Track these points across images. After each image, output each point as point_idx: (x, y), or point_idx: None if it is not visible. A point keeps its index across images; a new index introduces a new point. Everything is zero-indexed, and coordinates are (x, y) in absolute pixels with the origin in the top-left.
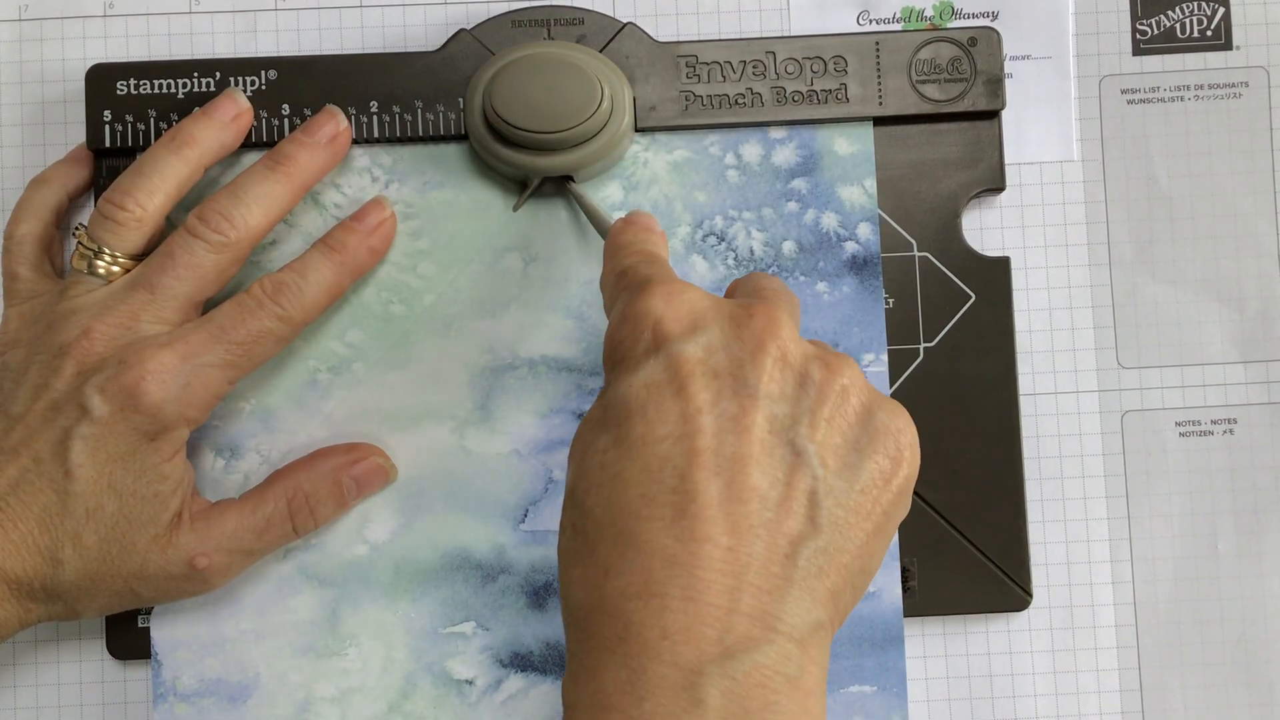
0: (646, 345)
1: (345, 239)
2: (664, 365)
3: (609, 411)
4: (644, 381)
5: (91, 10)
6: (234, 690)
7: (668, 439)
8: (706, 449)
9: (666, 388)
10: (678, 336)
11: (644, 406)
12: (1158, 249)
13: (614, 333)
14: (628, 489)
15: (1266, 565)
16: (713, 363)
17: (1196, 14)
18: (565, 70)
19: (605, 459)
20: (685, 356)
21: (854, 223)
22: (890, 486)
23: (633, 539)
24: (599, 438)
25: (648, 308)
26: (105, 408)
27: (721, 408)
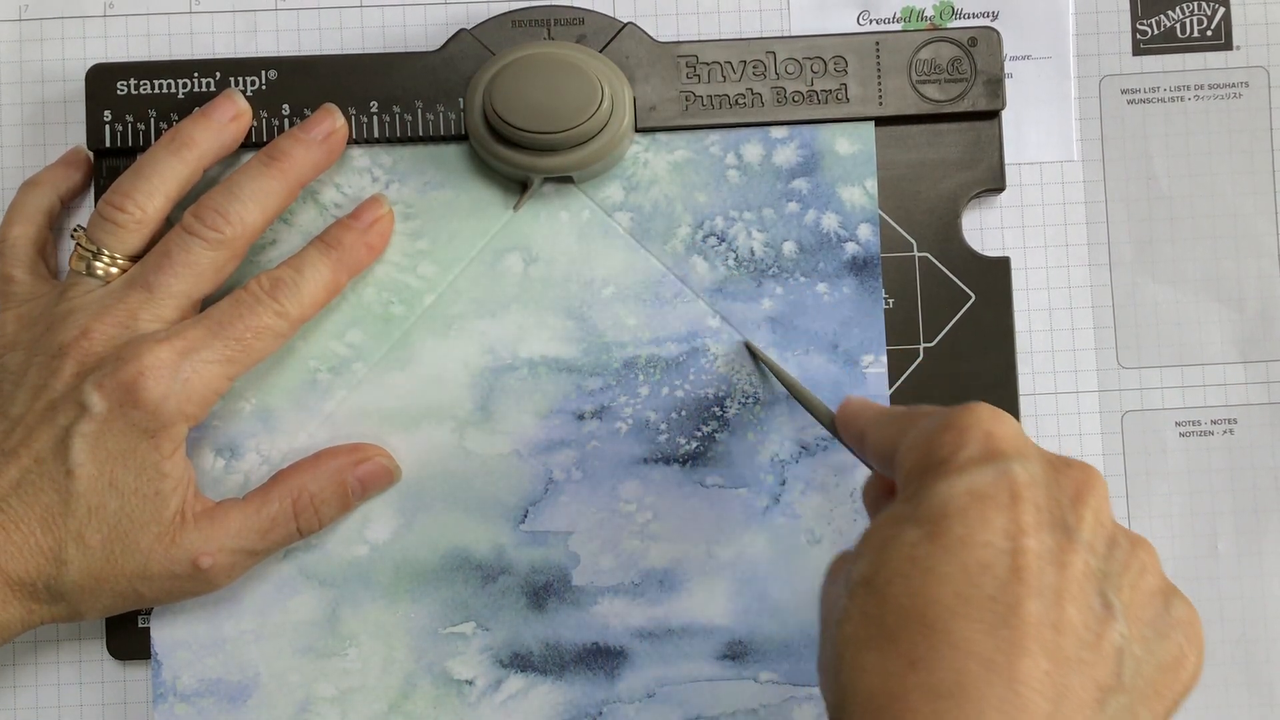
0: (974, 455)
1: (342, 236)
2: (993, 477)
3: (920, 509)
4: (968, 487)
5: (91, 10)
6: (234, 690)
7: (990, 548)
8: (1030, 569)
9: (994, 499)
10: (1009, 455)
11: (966, 510)
12: (1158, 249)
13: (930, 438)
14: (940, 584)
15: (1266, 565)
16: (1037, 494)
17: (1196, 14)
18: (565, 70)
19: (915, 552)
20: (1016, 475)
21: (854, 223)
22: (1180, 677)
23: (945, 634)
24: (906, 532)
25: (976, 420)
26: (104, 404)
27: (1043, 537)
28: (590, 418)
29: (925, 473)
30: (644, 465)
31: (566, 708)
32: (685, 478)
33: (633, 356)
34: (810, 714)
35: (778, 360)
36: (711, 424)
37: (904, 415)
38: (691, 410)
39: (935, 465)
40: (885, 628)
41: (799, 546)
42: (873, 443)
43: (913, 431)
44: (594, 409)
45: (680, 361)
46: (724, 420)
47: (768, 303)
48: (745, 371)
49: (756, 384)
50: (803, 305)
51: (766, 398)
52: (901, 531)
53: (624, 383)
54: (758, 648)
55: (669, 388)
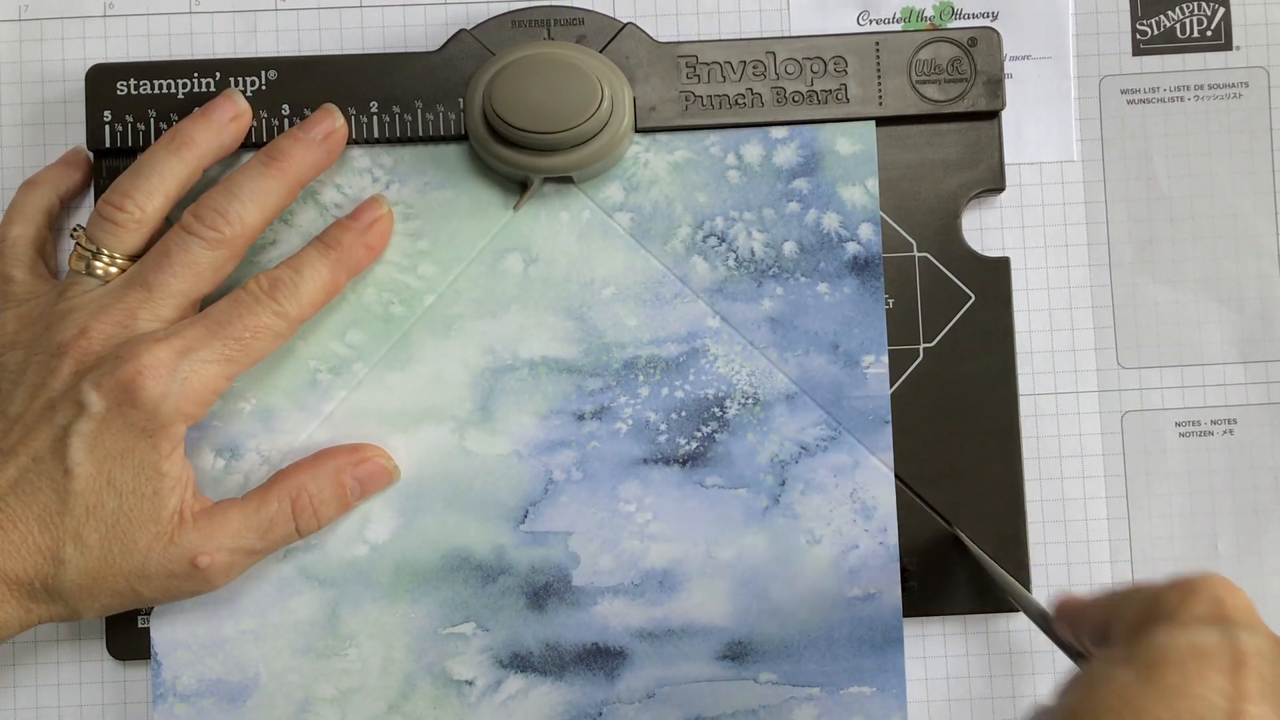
0: (1201, 614)
1: (341, 236)
2: (1221, 640)
3: (1137, 653)
4: (1192, 642)
5: (91, 10)
6: (234, 690)
7: (1206, 700)
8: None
9: (1218, 660)
10: (1239, 623)
11: (1185, 663)
12: (1158, 249)
13: (1159, 593)
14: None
15: (1266, 565)
16: (1263, 666)
17: (1196, 14)
18: (565, 71)
19: (1127, 693)
20: (1244, 643)
21: (855, 223)
22: None
23: None
24: (1119, 673)
25: (1209, 585)
26: (102, 404)
27: (1264, 710)
28: (590, 418)
29: (1147, 623)
30: (644, 466)
31: (566, 708)
32: (685, 478)
33: (633, 357)
34: (809, 714)
35: (779, 360)
36: (711, 424)
37: (1126, 588)
38: (691, 411)
39: (1159, 617)
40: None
41: (799, 547)
42: (1091, 615)
43: (1137, 594)
44: (594, 409)
45: (680, 362)
46: (724, 421)
47: (768, 303)
48: (745, 372)
49: (756, 384)
50: (803, 305)
51: (766, 398)
52: (1114, 672)
53: (624, 383)
54: (757, 648)
55: (669, 388)
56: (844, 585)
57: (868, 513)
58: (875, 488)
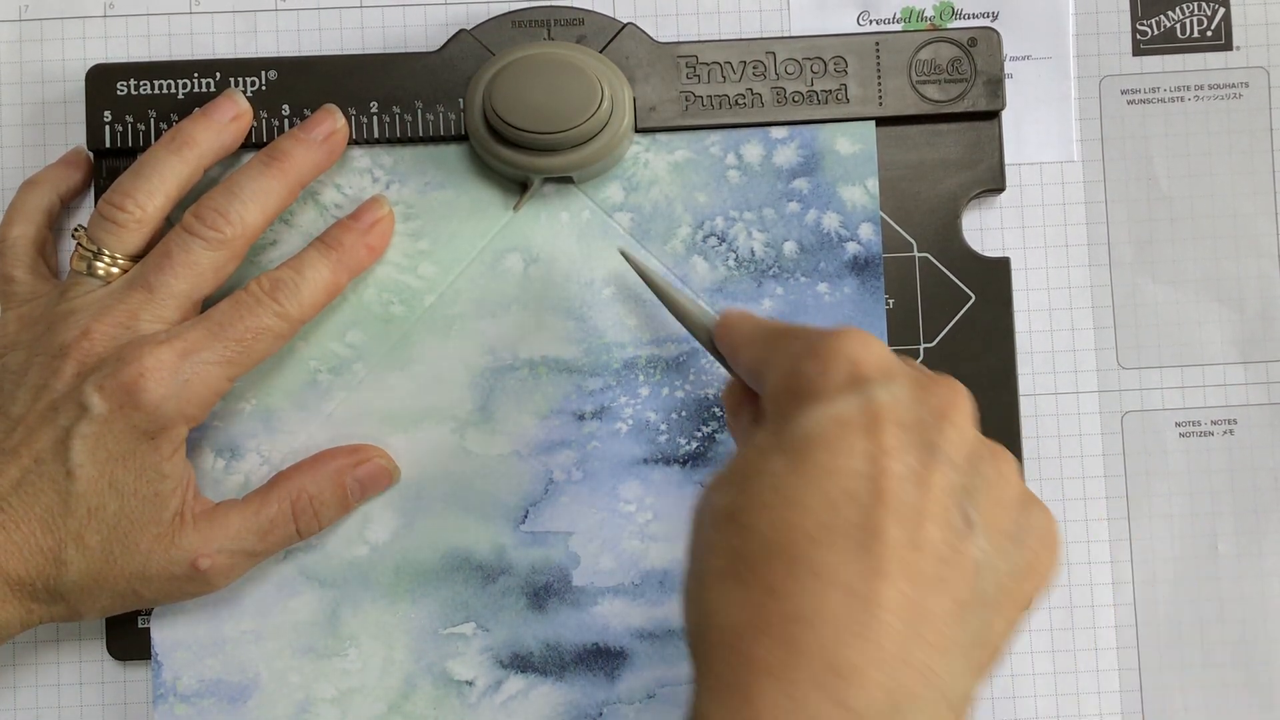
0: (839, 382)
1: (342, 237)
2: (858, 405)
3: (785, 438)
4: (834, 415)
5: (91, 10)
6: (234, 691)
7: (853, 474)
8: (891, 492)
9: (857, 426)
10: (874, 381)
11: (829, 439)
12: (1158, 249)
13: (796, 363)
14: (804, 515)
15: (1266, 566)
16: (901, 414)
17: (1196, 14)
18: (565, 71)
19: (779, 483)
20: (880, 400)
21: (855, 223)
22: (1035, 582)
23: (806, 563)
24: (771, 462)
25: (842, 346)
26: (104, 406)
27: (906, 459)
28: (590, 418)
29: (791, 400)
30: (644, 466)
31: (567, 708)
32: (685, 478)
33: (633, 357)
34: None
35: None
36: (712, 424)
37: (776, 334)
38: (692, 411)
39: (801, 393)
40: (748, 560)
41: None
42: (745, 360)
43: (781, 355)
44: (594, 409)
45: (680, 362)
46: (724, 420)
47: (768, 303)
48: None
49: None
50: (803, 305)
51: None
52: (767, 463)
53: (624, 383)
54: None
55: (669, 388)
56: None
57: None
58: None
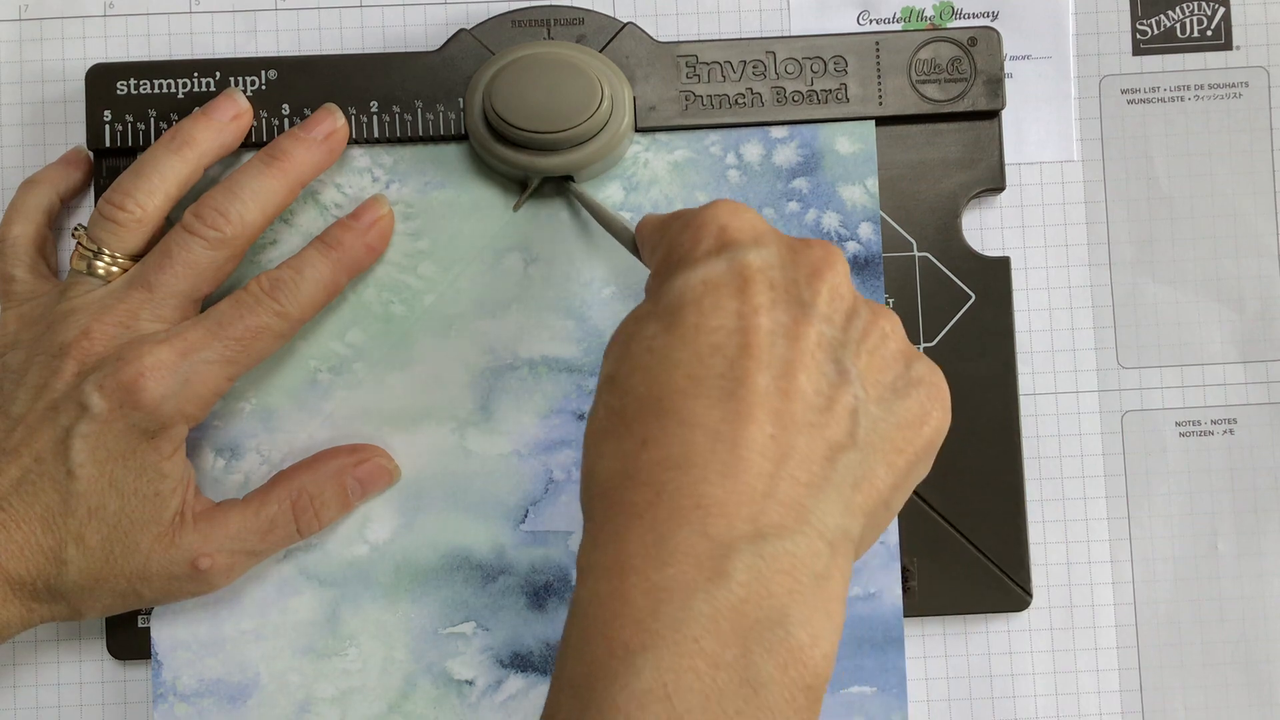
0: (709, 248)
1: (342, 236)
2: (726, 266)
3: (660, 304)
4: (703, 277)
5: (91, 10)
6: (234, 690)
7: (721, 330)
8: (759, 345)
9: (726, 286)
10: (742, 244)
11: (699, 300)
12: (1158, 249)
13: (673, 237)
14: (674, 370)
15: (1266, 565)
16: (771, 275)
17: (1197, 14)
18: (565, 70)
19: (653, 344)
20: (748, 262)
21: (855, 223)
22: (922, 431)
23: (675, 413)
24: (646, 327)
25: (713, 215)
26: (104, 405)
27: (776, 315)
28: None
29: (666, 268)
30: None
31: None
32: None
33: None
34: None
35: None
36: None
37: (666, 219)
38: None
39: (675, 263)
40: (624, 417)
41: None
42: (646, 253)
43: (665, 234)
44: None
45: None
46: None
47: None
48: None
49: None
50: None
51: None
52: (642, 328)
53: None
54: None
55: None
56: None
57: None
58: None
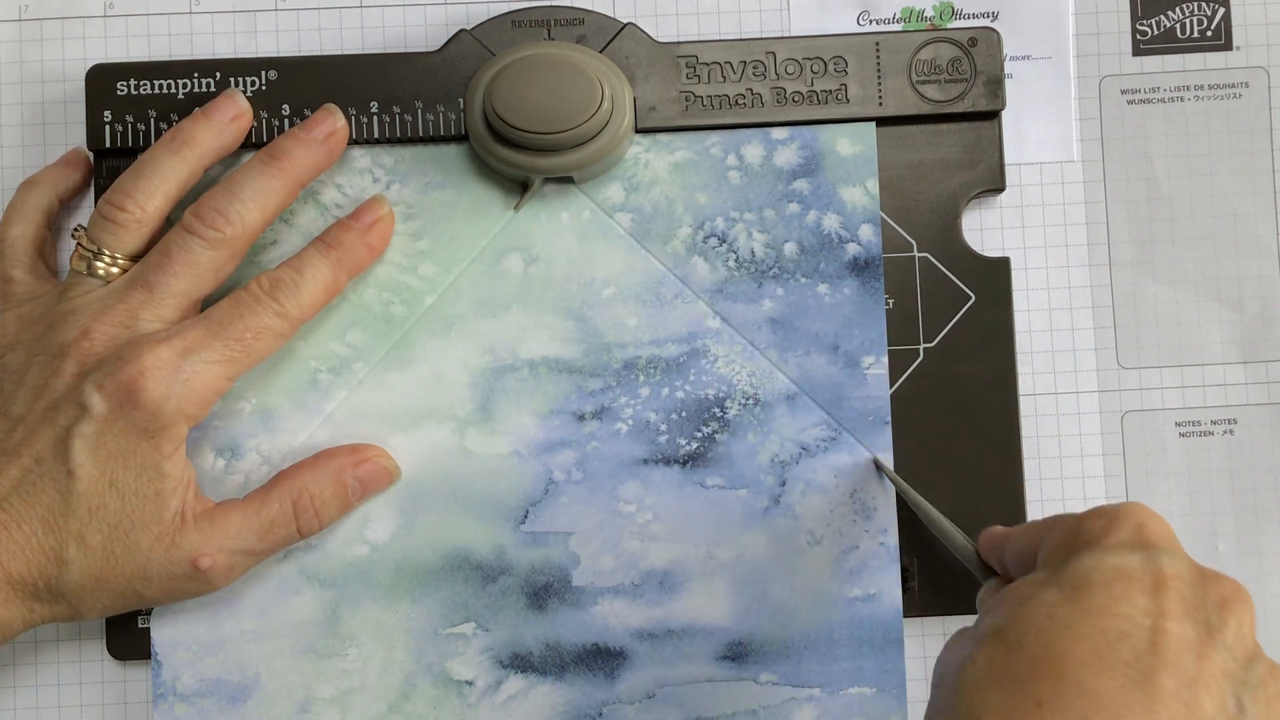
0: (1125, 540)
1: (342, 236)
2: (1143, 562)
3: (1063, 576)
4: (1115, 565)
5: (91, 10)
6: (234, 690)
7: (1130, 620)
8: (1168, 648)
9: (1139, 581)
10: (1159, 548)
11: (1109, 583)
12: (1158, 249)
13: (1081, 521)
14: (1077, 642)
15: (1266, 565)
16: (1183, 588)
17: (1197, 14)
18: (565, 71)
19: (1055, 611)
20: (1163, 565)
21: (856, 224)
22: None
23: (1077, 684)
24: (1046, 593)
25: (1131, 512)
26: (104, 405)
27: (1185, 627)
28: (590, 418)
29: (1072, 549)
30: (644, 466)
31: (566, 708)
32: (685, 478)
33: (633, 357)
34: (810, 715)
35: (779, 360)
36: (712, 425)
37: (1050, 519)
38: (692, 411)
39: (1083, 543)
40: (1014, 672)
41: (799, 547)
42: (1015, 544)
43: (1060, 523)
44: (594, 410)
45: (681, 362)
46: (724, 421)
47: (768, 304)
48: (746, 372)
49: (757, 385)
50: (803, 306)
51: (767, 399)
52: (1040, 592)
53: (624, 383)
54: (758, 649)
55: (669, 389)
56: (844, 586)
57: (868, 513)
58: (875, 488)
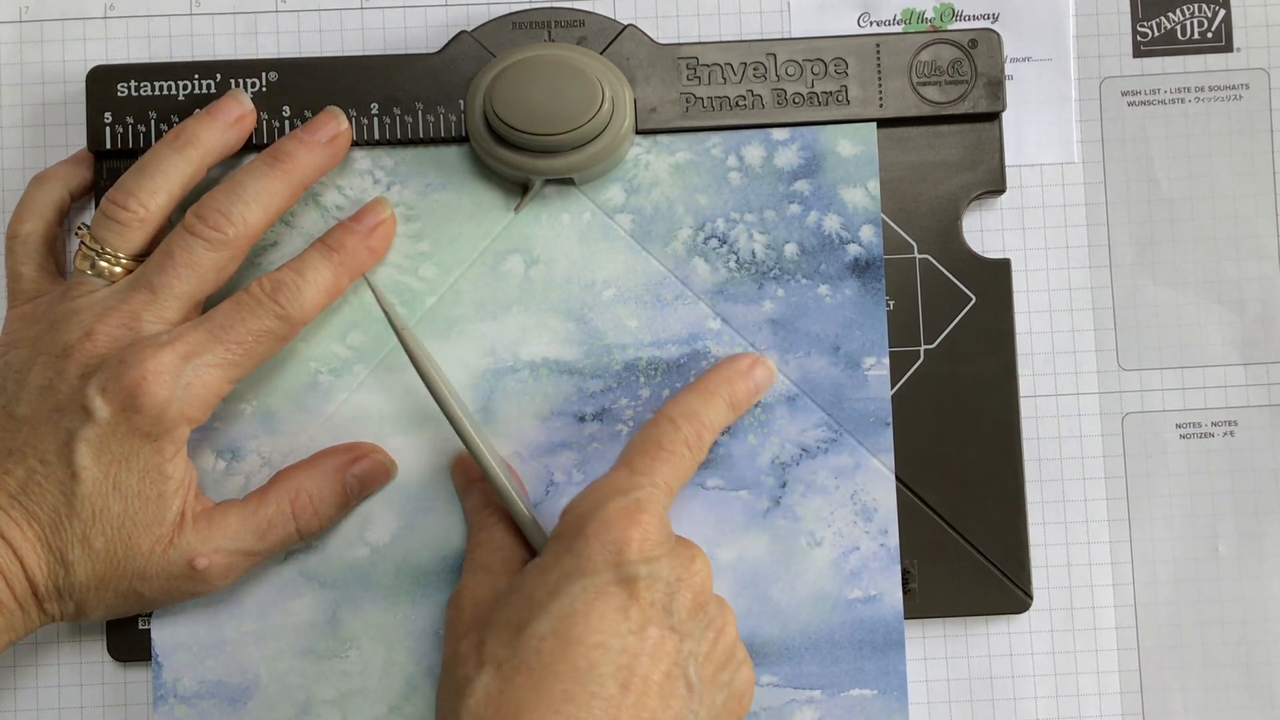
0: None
1: (344, 239)
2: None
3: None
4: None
5: (92, 12)
6: (234, 692)
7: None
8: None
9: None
10: (634, 560)
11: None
12: (1158, 251)
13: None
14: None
15: (1267, 567)
16: (653, 593)
17: (1197, 16)
18: (566, 72)
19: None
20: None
21: (856, 225)
22: (742, 705)
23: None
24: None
25: (604, 529)
26: (107, 409)
27: (659, 631)
28: (591, 420)
29: (559, 581)
30: None
31: None
32: None
33: (634, 359)
34: (810, 717)
35: (779, 361)
36: None
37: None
38: None
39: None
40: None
41: (799, 549)
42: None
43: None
44: (595, 411)
45: (681, 364)
46: None
47: (769, 305)
48: None
49: None
50: (804, 307)
51: (767, 400)
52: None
53: (625, 385)
54: (758, 650)
55: (670, 390)
56: (845, 587)
57: (868, 514)
58: (876, 489)
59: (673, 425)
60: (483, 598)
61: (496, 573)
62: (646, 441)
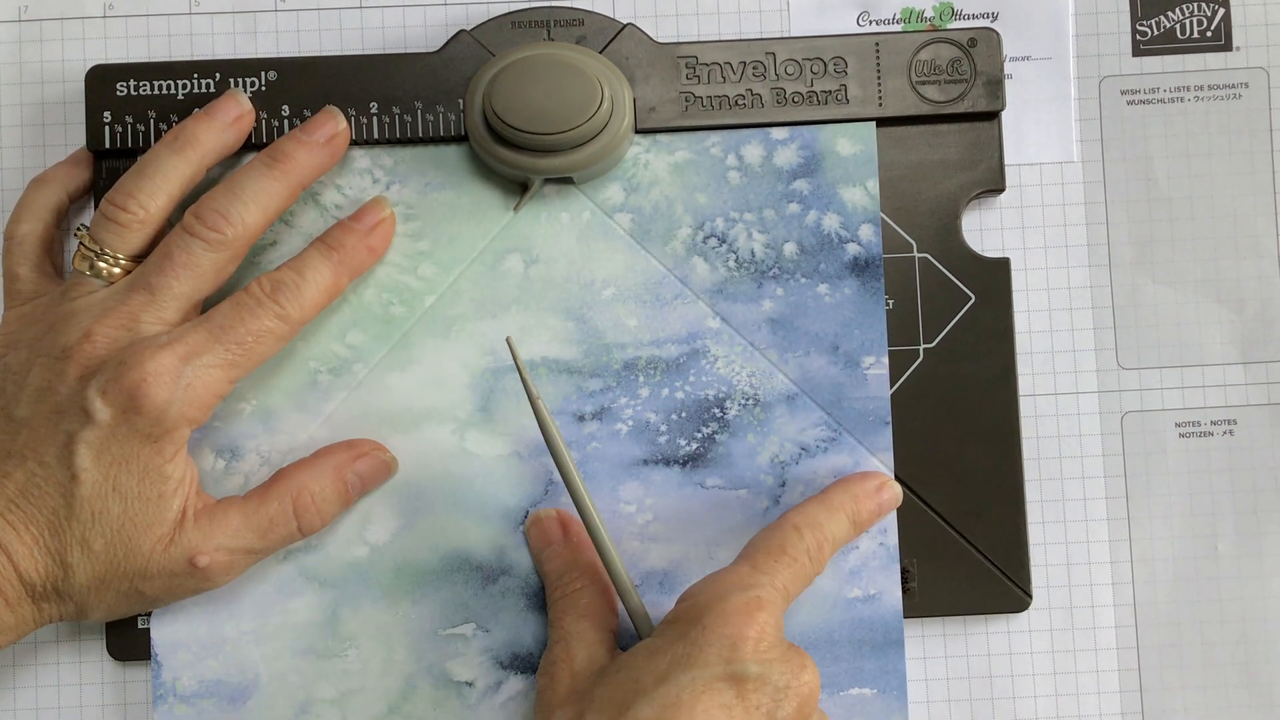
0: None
1: (343, 238)
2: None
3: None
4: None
5: (91, 11)
6: (234, 691)
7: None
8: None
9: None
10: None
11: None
12: (1158, 250)
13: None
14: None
15: (1266, 566)
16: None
17: (1196, 15)
18: (565, 71)
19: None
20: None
21: (856, 224)
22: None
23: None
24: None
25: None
26: (108, 411)
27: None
28: (590, 419)
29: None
30: (644, 467)
31: None
32: (685, 479)
33: (633, 358)
34: None
35: (779, 360)
36: (712, 425)
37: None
38: (692, 412)
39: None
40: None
41: None
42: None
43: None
44: (594, 410)
45: (680, 363)
46: (724, 422)
47: (768, 304)
48: (745, 373)
49: (757, 385)
50: (803, 306)
51: (767, 399)
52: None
53: (624, 384)
54: None
55: (669, 389)
56: (844, 586)
57: None
58: None
59: (796, 532)
60: (580, 669)
61: (592, 643)
62: (770, 543)
